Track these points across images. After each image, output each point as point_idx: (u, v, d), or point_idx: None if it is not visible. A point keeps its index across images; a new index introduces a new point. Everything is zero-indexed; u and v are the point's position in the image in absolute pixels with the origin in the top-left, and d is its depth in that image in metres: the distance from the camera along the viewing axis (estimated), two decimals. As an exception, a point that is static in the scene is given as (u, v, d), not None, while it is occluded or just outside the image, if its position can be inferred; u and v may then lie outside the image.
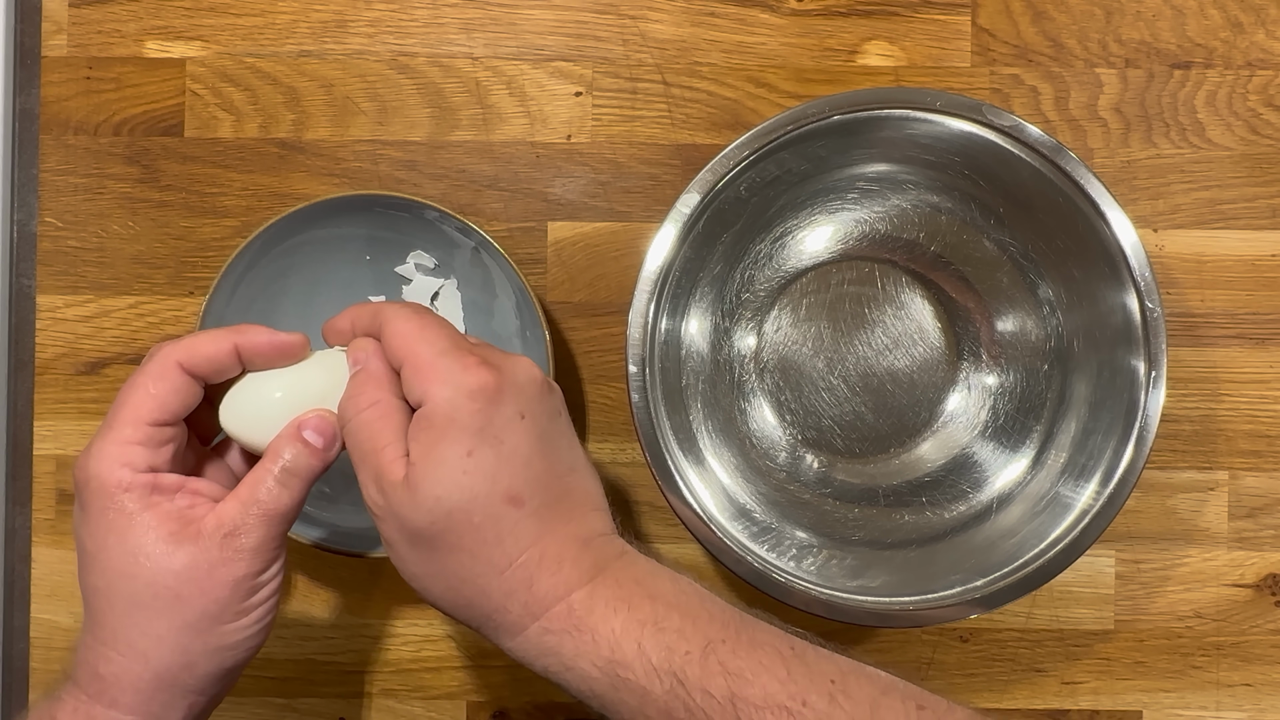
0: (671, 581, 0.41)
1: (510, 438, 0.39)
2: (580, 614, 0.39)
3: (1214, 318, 0.58)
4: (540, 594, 0.39)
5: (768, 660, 0.38)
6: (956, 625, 0.58)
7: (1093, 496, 0.50)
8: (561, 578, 0.39)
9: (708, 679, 0.37)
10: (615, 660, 0.38)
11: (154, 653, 0.40)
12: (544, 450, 0.41)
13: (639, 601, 0.39)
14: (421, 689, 0.58)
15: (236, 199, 0.57)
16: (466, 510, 0.39)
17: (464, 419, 0.39)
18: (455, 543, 0.39)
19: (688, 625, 0.39)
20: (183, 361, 0.42)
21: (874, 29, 0.57)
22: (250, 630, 0.42)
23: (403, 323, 0.41)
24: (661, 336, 0.52)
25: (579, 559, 0.40)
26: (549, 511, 0.40)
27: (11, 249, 0.58)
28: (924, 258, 0.56)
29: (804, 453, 0.57)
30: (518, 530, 0.39)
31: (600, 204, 0.57)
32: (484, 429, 0.39)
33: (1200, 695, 0.57)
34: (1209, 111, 0.57)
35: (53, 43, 0.57)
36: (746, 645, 0.38)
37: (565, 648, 0.39)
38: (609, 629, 0.39)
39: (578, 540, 0.40)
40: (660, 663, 0.38)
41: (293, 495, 0.42)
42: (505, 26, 0.58)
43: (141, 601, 0.40)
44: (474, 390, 0.39)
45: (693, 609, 0.39)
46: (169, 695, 0.41)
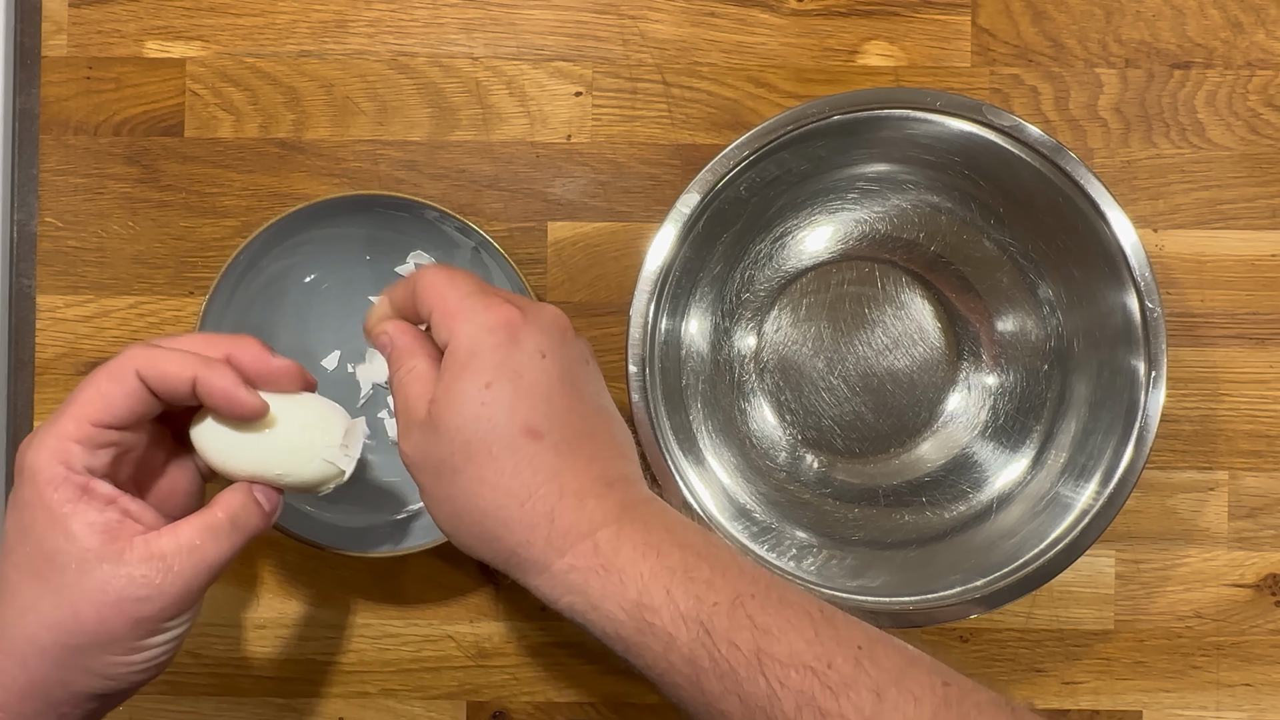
0: (701, 535, 0.40)
1: (530, 372, 0.40)
2: (607, 553, 0.38)
3: (1214, 318, 0.58)
4: (563, 528, 0.39)
5: (795, 619, 0.38)
6: (956, 625, 0.58)
7: (1093, 496, 0.50)
8: (585, 514, 0.39)
9: (735, 631, 0.37)
10: (642, 604, 0.38)
11: (33, 660, 0.39)
12: (566, 389, 0.40)
13: (668, 549, 0.39)
14: (421, 689, 0.58)
15: (236, 199, 0.57)
16: (485, 440, 0.39)
17: (484, 352, 0.39)
18: (476, 474, 0.39)
19: (717, 577, 0.38)
20: (140, 370, 0.40)
21: (874, 29, 0.57)
22: (137, 668, 0.40)
23: (431, 275, 0.42)
24: (661, 336, 0.52)
25: (603, 497, 0.39)
26: (569, 447, 0.40)
27: (11, 249, 0.58)
28: (924, 258, 0.56)
29: (804, 453, 0.57)
30: (536, 462, 0.39)
31: (600, 204, 0.57)
32: (503, 363, 0.39)
33: (1200, 695, 0.57)
34: (1209, 111, 0.57)
35: (53, 43, 0.57)
36: (776, 603, 0.38)
37: (592, 587, 0.38)
38: (637, 572, 0.38)
39: (602, 479, 0.40)
40: (688, 610, 0.37)
41: (231, 547, 0.41)
42: (505, 26, 0.58)
43: (39, 608, 0.38)
44: (494, 325, 0.40)
45: (723, 561, 0.39)
46: (40, 704, 0.39)
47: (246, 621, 0.57)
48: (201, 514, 0.41)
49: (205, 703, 0.57)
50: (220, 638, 0.57)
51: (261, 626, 0.57)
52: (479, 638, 0.57)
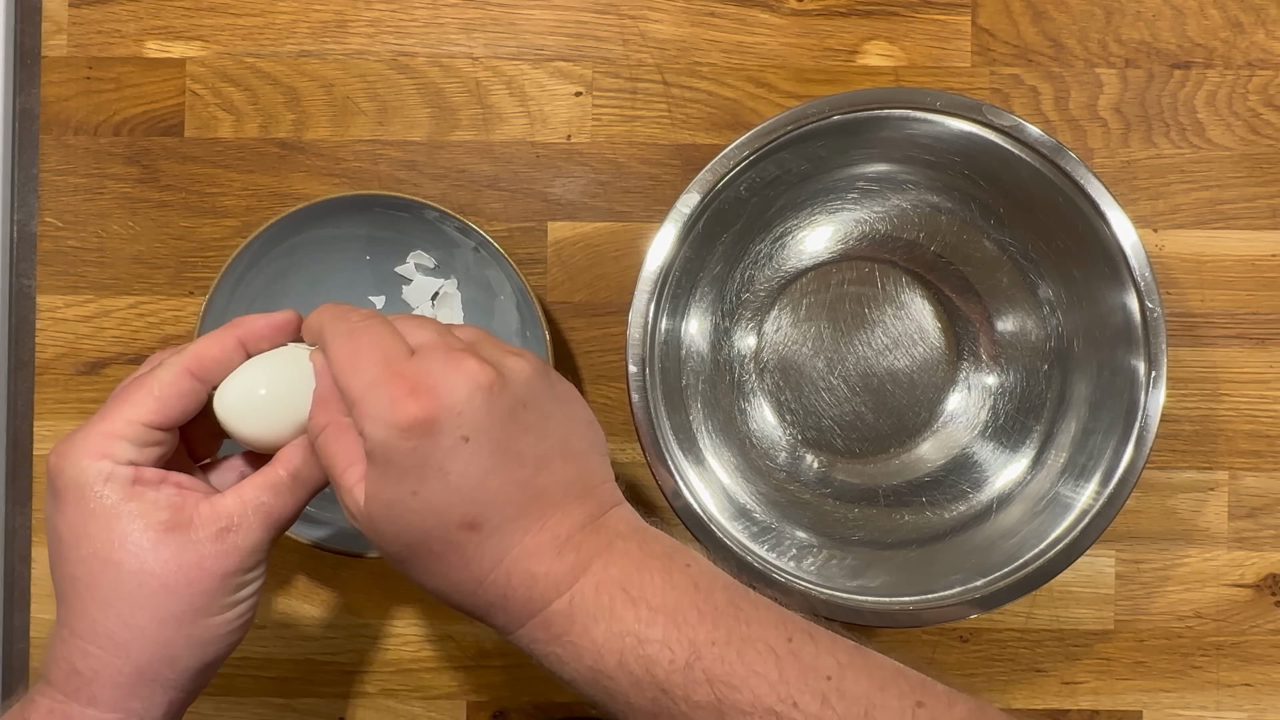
0: (663, 574, 0.39)
1: (456, 465, 0.38)
2: (560, 627, 0.38)
3: (1214, 318, 0.58)
4: (516, 607, 0.39)
5: (758, 662, 0.37)
6: (956, 625, 0.58)
7: (1093, 496, 0.50)
8: (536, 592, 0.38)
9: (691, 688, 0.37)
10: (598, 670, 0.38)
11: (135, 645, 0.39)
12: (501, 463, 0.38)
13: (621, 609, 0.38)
14: (421, 689, 0.58)
15: (236, 199, 0.57)
16: (425, 542, 0.38)
17: (401, 460, 0.37)
18: (424, 567, 0.39)
19: (672, 632, 0.37)
20: (191, 368, 0.41)
21: (874, 29, 0.57)
22: (232, 625, 0.41)
23: (335, 347, 0.40)
24: (661, 336, 0.52)
25: (552, 570, 0.38)
26: (513, 525, 0.39)
27: (11, 249, 0.58)
28: (924, 258, 0.56)
29: (804, 453, 0.57)
30: (480, 553, 0.38)
31: (600, 204, 0.57)
32: (424, 465, 0.37)
33: (1200, 695, 0.57)
34: (1209, 111, 0.57)
35: (53, 43, 0.57)
36: (737, 645, 0.37)
37: (550, 656, 0.39)
38: (590, 640, 0.38)
39: (552, 545, 0.39)
40: (642, 675, 0.37)
41: (296, 502, 0.42)
42: (505, 26, 0.58)
43: (125, 591, 0.39)
44: (405, 428, 0.37)
45: (681, 610, 0.38)
46: (149, 690, 0.40)
47: (246, 621, 0.57)
48: (264, 472, 0.42)
49: (205, 703, 0.57)
50: (220, 638, 0.57)
51: (261, 626, 0.57)
52: (479, 638, 0.57)
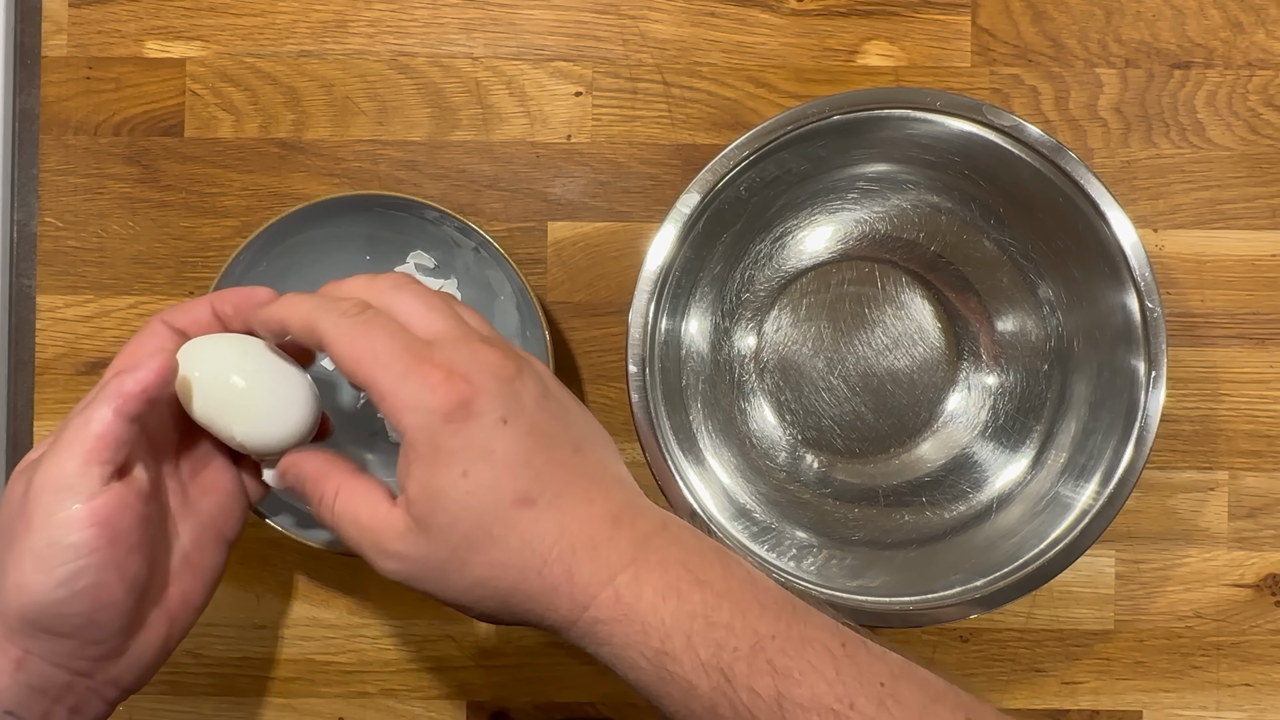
0: (721, 565, 0.39)
1: (500, 444, 0.38)
2: (628, 601, 0.38)
3: (1214, 318, 0.58)
4: (583, 583, 0.38)
5: (817, 659, 0.37)
6: (956, 625, 0.58)
7: (1093, 496, 0.50)
8: (601, 562, 0.38)
9: (755, 677, 0.37)
10: (664, 652, 0.37)
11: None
12: (540, 442, 0.39)
13: (688, 590, 0.38)
14: (421, 689, 0.58)
15: (236, 199, 0.57)
16: (483, 525, 0.38)
17: (447, 442, 0.37)
18: (485, 560, 0.38)
19: (737, 619, 0.37)
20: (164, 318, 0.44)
21: (874, 29, 0.57)
22: (54, 591, 0.38)
23: (346, 344, 0.39)
24: (661, 336, 0.52)
25: (614, 538, 0.38)
26: (565, 500, 0.39)
27: (11, 249, 0.58)
28: (924, 258, 0.56)
29: (804, 453, 0.57)
30: (539, 528, 0.38)
31: (600, 204, 0.57)
32: (469, 446, 0.38)
33: (1200, 695, 0.57)
34: (1209, 111, 0.57)
35: (53, 43, 0.57)
36: (797, 641, 0.37)
37: (616, 637, 0.38)
38: (658, 619, 0.37)
39: (606, 519, 0.39)
40: (709, 658, 0.37)
41: (95, 422, 0.40)
42: (505, 26, 0.58)
43: None
44: (449, 411, 0.37)
45: (743, 599, 0.38)
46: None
47: (246, 621, 0.57)
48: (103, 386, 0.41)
49: (205, 703, 0.57)
50: (220, 638, 0.57)
51: (261, 626, 0.57)
52: (479, 638, 0.57)
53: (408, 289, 0.41)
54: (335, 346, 0.39)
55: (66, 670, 0.40)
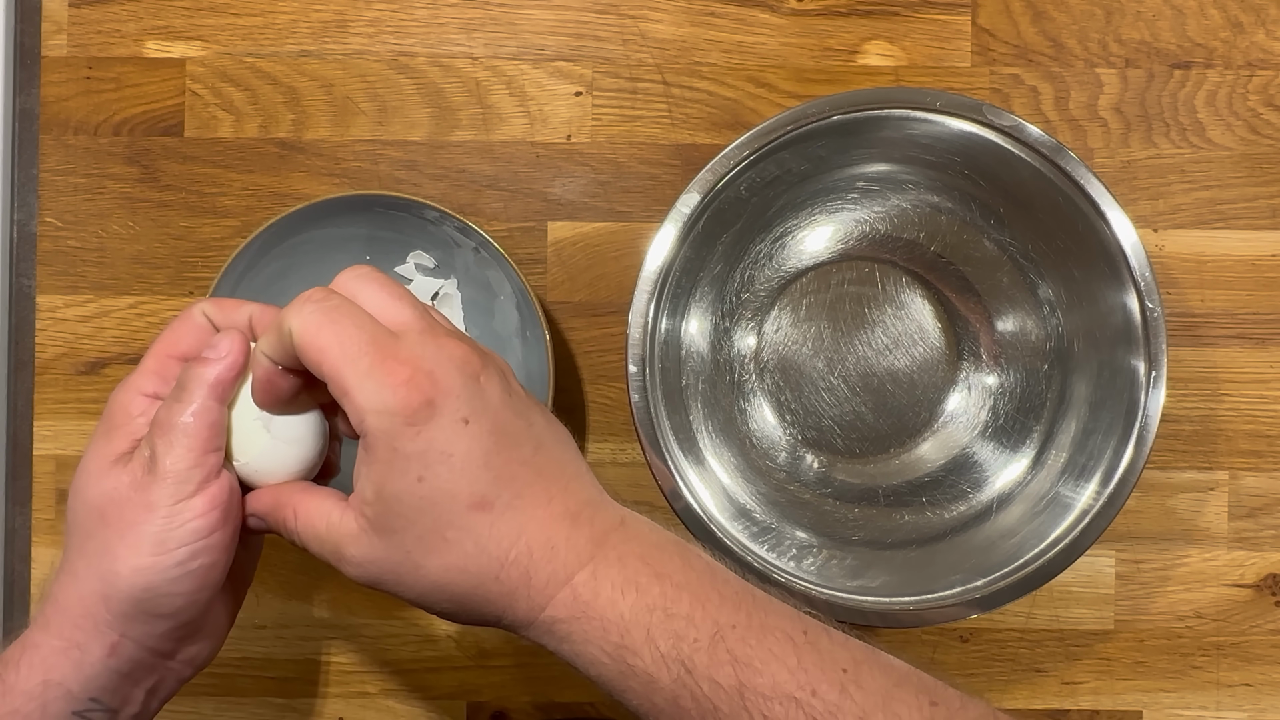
0: (680, 556, 0.39)
1: (460, 445, 0.37)
2: (586, 598, 0.38)
3: (1214, 318, 0.58)
4: (540, 584, 0.38)
5: (778, 648, 0.37)
6: (956, 625, 0.58)
7: (1093, 496, 0.50)
8: (559, 563, 0.38)
9: (715, 668, 0.37)
10: (624, 646, 0.37)
11: (81, 573, 0.40)
12: (501, 442, 0.38)
13: (646, 583, 0.38)
14: (421, 689, 0.58)
15: (236, 199, 0.57)
16: (437, 530, 0.37)
17: (406, 446, 0.37)
18: (441, 563, 0.38)
19: (697, 610, 0.37)
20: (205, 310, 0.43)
21: (874, 29, 0.57)
22: (170, 571, 0.39)
23: (312, 334, 0.38)
24: (661, 336, 0.52)
25: (571, 538, 0.38)
26: (523, 501, 0.38)
27: (11, 249, 0.58)
28: (924, 258, 0.56)
29: (804, 453, 0.57)
30: (495, 532, 0.38)
31: (600, 204, 0.57)
32: (428, 450, 0.37)
33: (1200, 695, 0.57)
34: (1209, 111, 0.57)
35: (53, 43, 0.57)
36: (757, 631, 0.37)
37: (575, 634, 0.38)
38: (617, 613, 0.37)
39: (565, 518, 0.39)
40: (669, 650, 0.37)
41: (202, 413, 0.40)
42: (505, 26, 0.58)
43: (78, 520, 0.40)
44: (410, 413, 0.36)
45: (703, 590, 0.38)
46: (90, 624, 0.40)
47: (246, 621, 0.57)
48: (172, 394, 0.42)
49: (205, 703, 0.57)
50: (220, 638, 0.57)
51: (261, 626, 0.57)
52: (479, 638, 0.57)
53: (373, 278, 0.41)
54: (302, 336, 0.38)
55: (154, 652, 0.41)
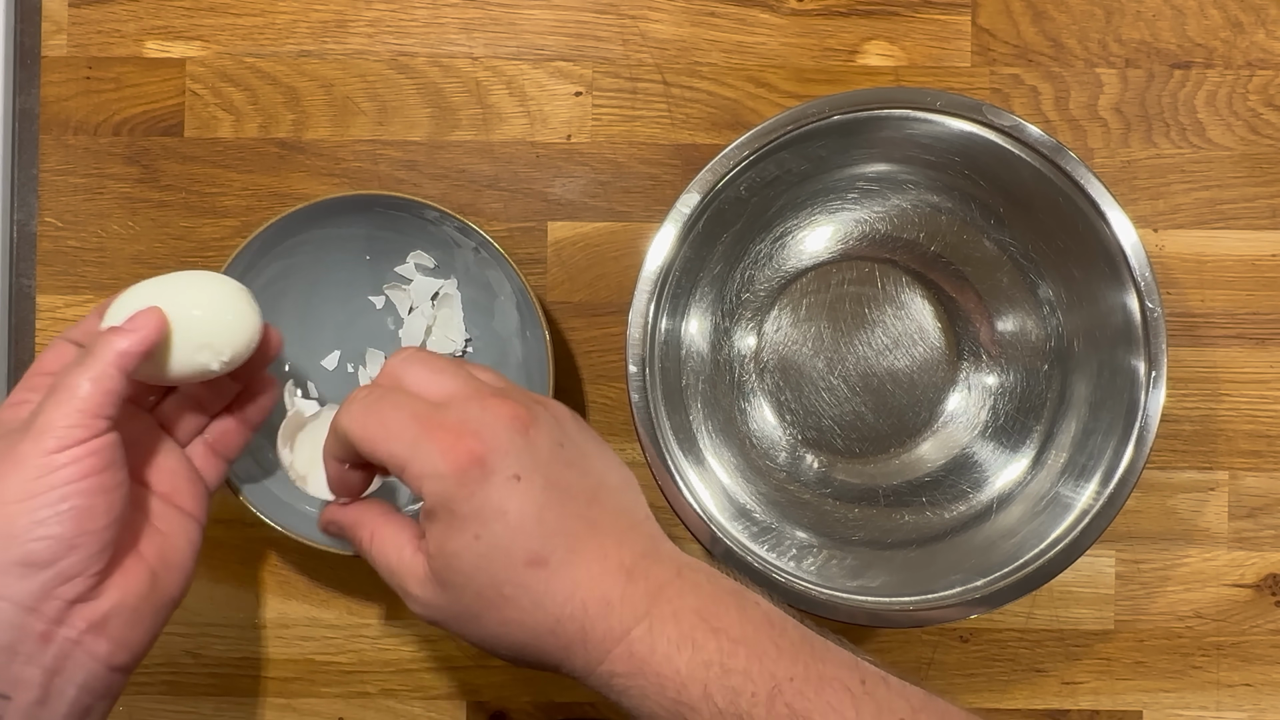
0: (737, 608, 0.39)
1: (513, 504, 0.38)
2: (642, 655, 0.38)
3: (1214, 318, 0.58)
4: (597, 640, 0.38)
5: (836, 699, 0.37)
6: (956, 625, 0.58)
7: (1093, 496, 0.50)
8: (615, 620, 0.38)
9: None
10: (681, 702, 0.37)
11: None
12: (554, 497, 0.39)
13: (703, 639, 0.38)
14: (421, 689, 0.58)
15: (236, 199, 0.57)
16: (495, 586, 0.38)
17: (461, 506, 0.38)
18: (498, 617, 0.39)
19: (754, 664, 0.37)
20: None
21: (874, 29, 0.57)
22: (37, 513, 0.39)
23: (361, 428, 0.40)
24: (661, 336, 0.52)
25: (627, 594, 0.38)
26: (578, 557, 0.39)
27: (11, 249, 0.58)
28: (924, 258, 0.56)
29: (804, 453, 0.57)
30: (551, 588, 0.38)
31: (600, 204, 0.57)
32: (482, 508, 0.38)
33: (1200, 695, 0.57)
34: (1209, 111, 0.57)
35: (53, 43, 0.57)
36: (815, 683, 0.37)
37: (632, 690, 0.38)
38: (673, 669, 0.37)
39: (620, 573, 0.39)
40: (726, 706, 0.37)
41: (87, 371, 0.41)
42: (505, 26, 0.58)
43: None
44: (461, 473, 0.38)
45: (759, 643, 0.38)
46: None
47: (246, 621, 0.57)
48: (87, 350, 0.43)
49: (205, 703, 0.57)
50: (220, 638, 0.57)
51: (261, 626, 0.57)
52: (479, 638, 0.57)
53: (415, 359, 0.42)
54: (353, 433, 0.40)
55: (40, 617, 0.39)
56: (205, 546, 0.57)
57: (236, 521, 0.57)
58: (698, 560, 0.41)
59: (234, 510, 0.57)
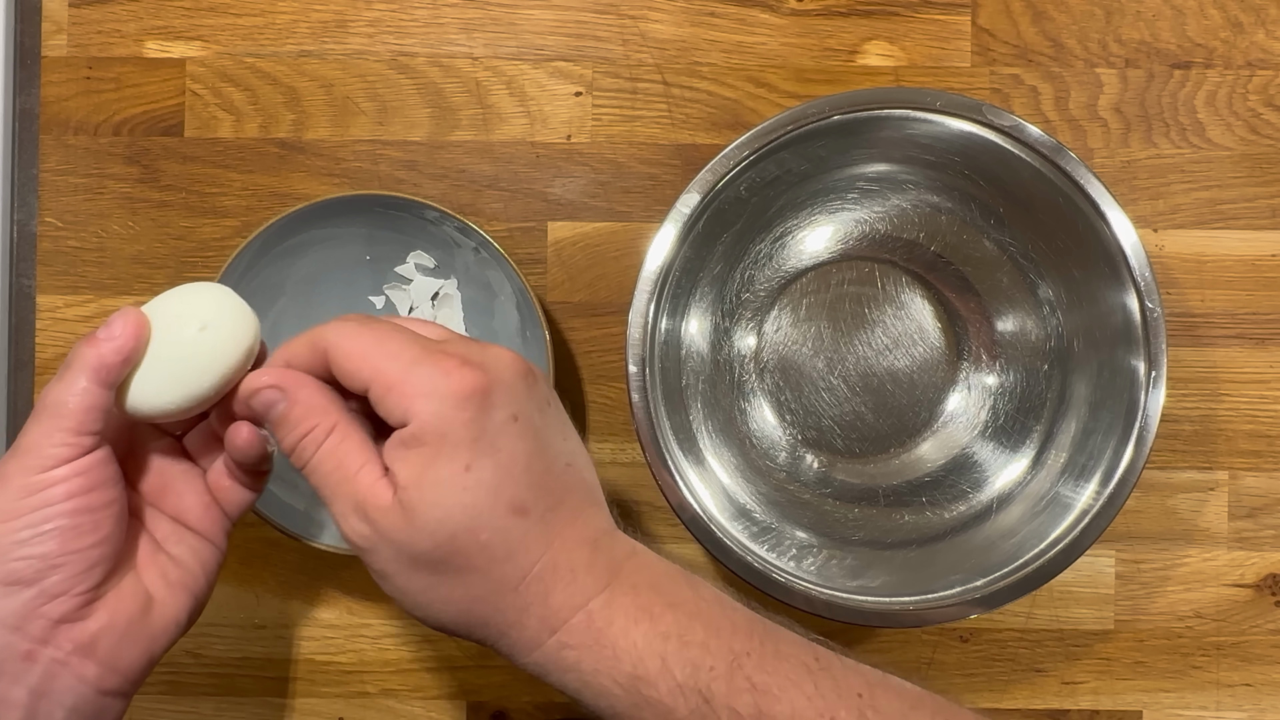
0: (690, 587, 0.39)
1: (506, 443, 0.37)
2: (600, 625, 0.37)
3: (1214, 318, 0.58)
4: (556, 605, 0.37)
5: (794, 674, 0.37)
6: (956, 625, 0.58)
7: (1093, 496, 0.50)
8: (577, 587, 0.37)
9: (734, 696, 0.36)
10: (638, 676, 0.36)
11: None
12: (540, 449, 0.38)
13: (660, 611, 0.37)
14: (421, 689, 0.58)
15: (236, 199, 0.57)
16: (472, 529, 0.36)
17: (457, 431, 0.36)
18: (464, 563, 0.36)
19: (712, 638, 0.37)
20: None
21: (874, 29, 0.57)
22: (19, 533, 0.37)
23: (351, 340, 0.37)
24: (661, 336, 0.52)
25: (591, 564, 0.38)
26: (554, 515, 0.38)
27: (11, 249, 0.58)
28: (924, 258, 0.56)
29: (804, 453, 0.57)
30: (527, 540, 0.37)
31: (600, 204, 0.57)
32: (478, 439, 0.36)
33: (1200, 695, 0.57)
34: (1209, 111, 0.57)
35: (53, 43, 0.57)
36: (771, 658, 0.37)
37: (585, 663, 0.37)
38: (630, 642, 0.37)
39: (586, 543, 0.38)
40: (685, 679, 0.36)
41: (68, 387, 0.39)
42: (505, 26, 0.58)
43: None
44: (463, 398, 0.36)
45: (715, 619, 0.38)
46: None
47: (246, 621, 0.57)
48: None
49: (205, 703, 0.57)
50: (220, 638, 0.57)
51: (261, 626, 0.57)
52: (479, 638, 0.57)
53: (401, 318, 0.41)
54: (341, 344, 0.37)
55: (25, 636, 0.38)
56: (205, 546, 0.57)
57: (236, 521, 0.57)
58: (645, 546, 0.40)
59: (234, 510, 0.57)
